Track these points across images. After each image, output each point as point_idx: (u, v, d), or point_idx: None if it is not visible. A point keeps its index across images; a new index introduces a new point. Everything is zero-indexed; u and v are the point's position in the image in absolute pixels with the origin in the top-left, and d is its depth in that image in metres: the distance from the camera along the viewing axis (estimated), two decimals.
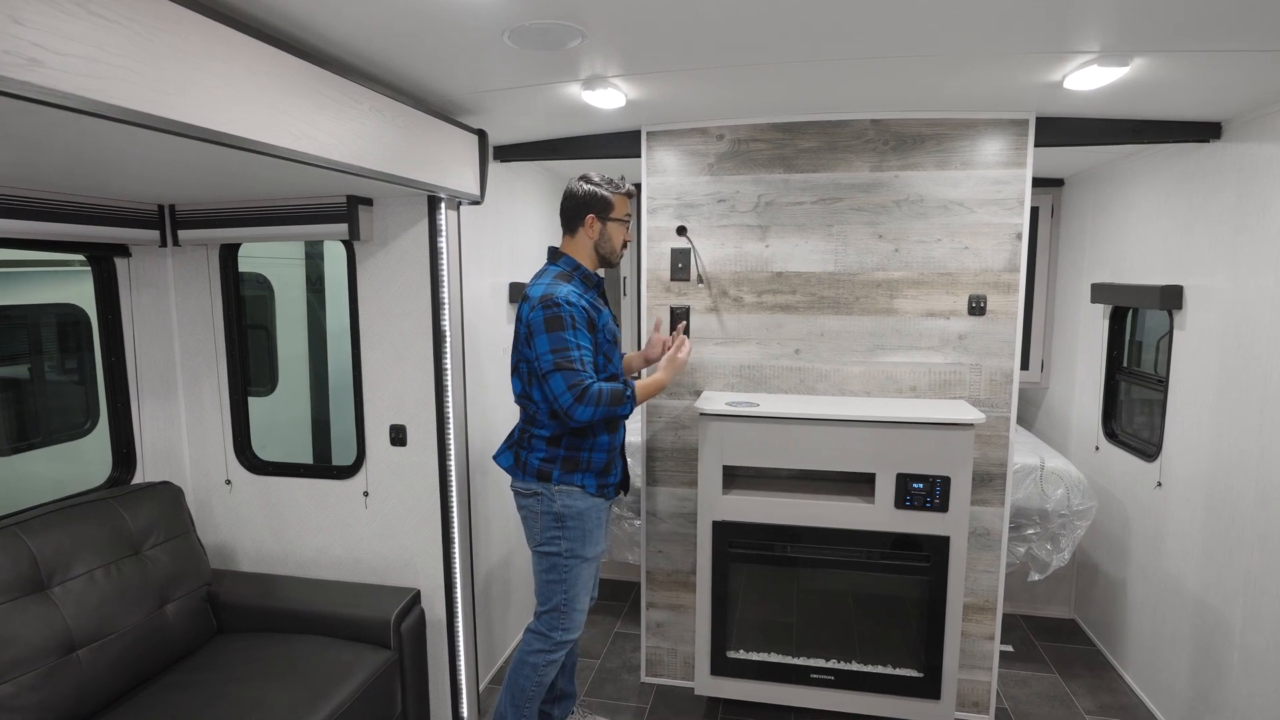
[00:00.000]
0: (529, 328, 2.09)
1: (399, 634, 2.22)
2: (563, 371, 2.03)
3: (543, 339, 2.06)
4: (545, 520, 2.19)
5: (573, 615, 2.24)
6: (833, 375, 2.69)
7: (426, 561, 2.46)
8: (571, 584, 2.22)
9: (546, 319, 2.06)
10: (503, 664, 3.12)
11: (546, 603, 2.24)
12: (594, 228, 2.23)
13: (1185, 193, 2.62)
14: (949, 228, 2.54)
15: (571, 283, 2.17)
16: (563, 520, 2.18)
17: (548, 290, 2.10)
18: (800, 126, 2.58)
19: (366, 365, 2.42)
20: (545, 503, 2.18)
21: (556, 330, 2.05)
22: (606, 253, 2.27)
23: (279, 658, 2.10)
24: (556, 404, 2.05)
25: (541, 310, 2.06)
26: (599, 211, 2.23)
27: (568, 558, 2.20)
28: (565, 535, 2.19)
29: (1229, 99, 2.18)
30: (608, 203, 2.23)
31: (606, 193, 2.23)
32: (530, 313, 2.09)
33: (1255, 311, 2.22)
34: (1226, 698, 2.32)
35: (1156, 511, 2.77)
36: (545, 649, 2.23)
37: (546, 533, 2.20)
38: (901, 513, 2.38)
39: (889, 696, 2.48)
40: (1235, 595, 2.29)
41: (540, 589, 2.25)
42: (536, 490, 2.20)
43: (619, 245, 2.29)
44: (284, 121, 1.48)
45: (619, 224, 2.27)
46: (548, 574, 2.22)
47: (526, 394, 2.20)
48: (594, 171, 2.27)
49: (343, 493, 2.50)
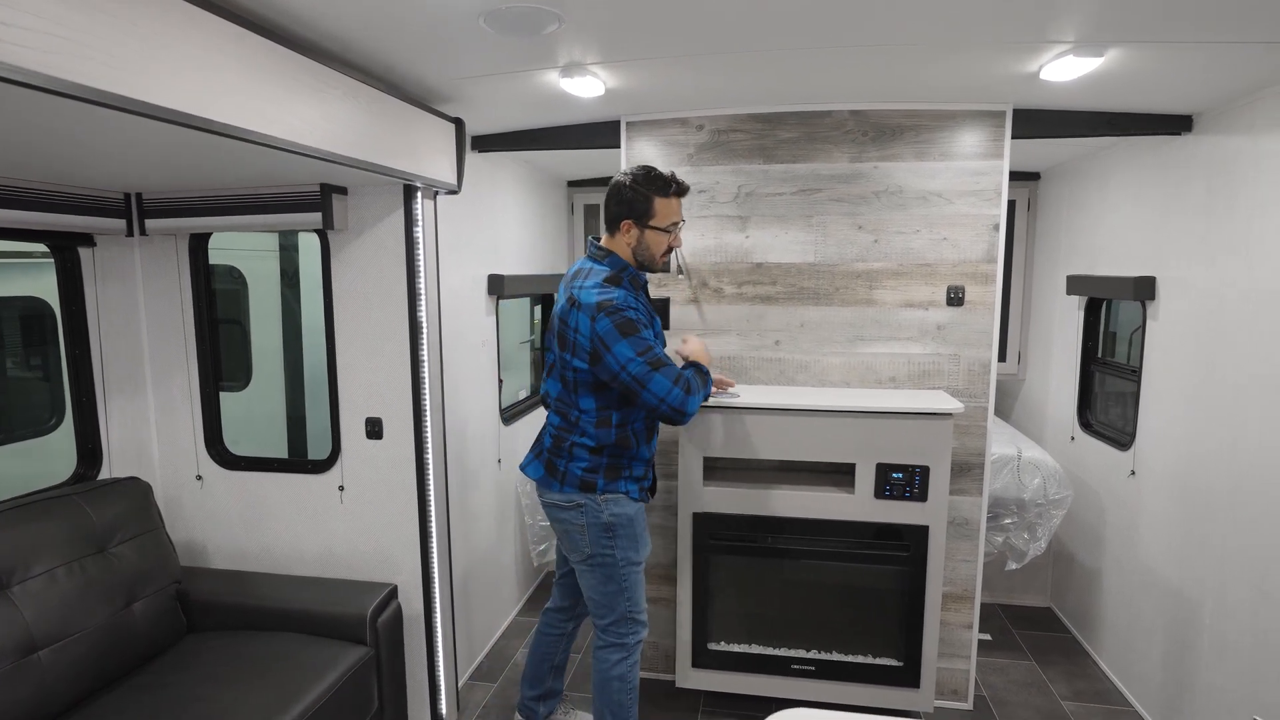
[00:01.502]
0: (598, 340, 1.95)
1: (375, 630, 2.18)
2: (660, 370, 1.96)
3: (623, 346, 1.94)
4: (594, 532, 2.11)
5: (639, 616, 2.21)
6: (813, 366, 2.69)
7: (404, 556, 2.42)
8: (632, 589, 2.17)
9: (618, 325, 1.95)
10: (484, 658, 3.09)
11: (610, 613, 2.17)
12: (631, 234, 2.07)
13: (1157, 185, 2.65)
14: (928, 219, 2.55)
15: (621, 286, 2.05)
16: (613, 529, 2.11)
17: (603, 297, 1.97)
18: (780, 117, 2.58)
19: (341, 357, 2.38)
20: (591, 514, 2.10)
21: (632, 334, 1.96)
22: (645, 261, 2.11)
23: (252, 656, 2.06)
24: (664, 404, 1.96)
25: (608, 318, 1.95)
26: (637, 218, 2.06)
27: (624, 566, 2.15)
28: (617, 544, 2.12)
29: (1199, 92, 2.21)
30: (647, 208, 2.04)
31: (647, 194, 2.04)
32: (594, 323, 1.95)
33: (1226, 301, 2.26)
34: (1197, 683, 2.36)
35: (1130, 501, 2.81)
36: (625, 655, 2.19)
37: (597, 544, 2.12)
38: (881, 503, 2.38)
39: (869, 686, 2.49)
40: (1206, 583, 2.33)
41: (599, 601, 2.18)
42: (579, 502, 2.10)
43: (660, 254, 2.11)
44: (254, 104, 1.44)
45: (660, 233, 2.08)
46: (605, 585, 2.15)
47: (569, 400, 2.09)
48: (652, 166, 2.08)
49: (318, 487, 2.45)
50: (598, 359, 1.97)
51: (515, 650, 3.17)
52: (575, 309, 2.00)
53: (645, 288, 2.20)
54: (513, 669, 3.02)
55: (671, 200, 2.08)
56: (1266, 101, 2.09)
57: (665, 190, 2.06)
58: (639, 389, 1.96)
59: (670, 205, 2.08)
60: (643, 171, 2.07)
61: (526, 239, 3.52)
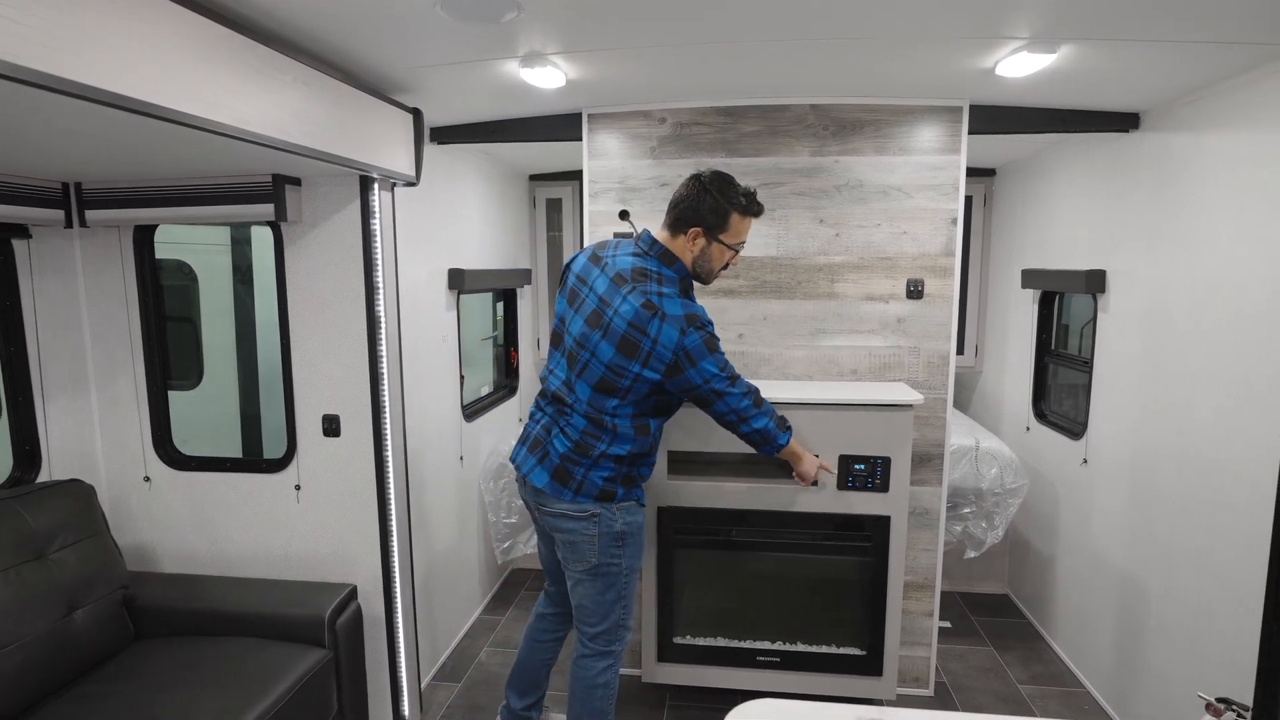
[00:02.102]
0: (684, 354, 1.91)
1: (334, 631, 2.13)
2: (735, 385, 1.99)
3: (709, 362, 1.94)
4: (604, 541, 2.04)
5: (630, 623, 2.18)
6: (775, 359, 2.71)
7: (364, 556, 2.37)
8: (628, 596, 2.14)
9: (705, 341, 1.94)
10: (448, 657, 3.05)
11: (603, 621, 2.12)
12: (697, 243, 2.00)
13: (1107, 181, 2.73)
14: (888, 212, 2.58)
15: (689, 294, 2.04)
16: (624, 539, 2.07)
17: (687, 309, 1.95)
18: (742, 110, 2.58)
19: (296, 353, 2.31)
20: (605, 523, 2.03)
21: (717, 351, 1.97)
22: (701, 272, 2.06)
23: (204, 662, 1.99)
24: (735, 415, 2.01)
25: (698, 334, 1.92)
26: (710, 229, 1.98)
27: (628, 575, 2.12)
28: (625, 553, 2.08)
29: (1146, 90, 2.28)
30: (723, 221, 1.98)
31: (728, 208, 1.97)
32: (683, 337, 1.90)
33: (1173, 294, 2.33)
34: (1146, 662, 2.44)
35: (1083, 488, 2.89)
36: (611, 663, 2.15)
37: (606, 554, 2.05)
38: (844, 494, 2.41)
39: (834, 675, 2.52)
40: (1154, 566, 2.40)
41: (593, 610, 2.12)
42: (594, 511, 2.03)
43: (717, 270, 2.07)
44: (198, 88, 1.39)
45: (726, 249, 2.03)
46: (604, 594, 2.10)
47: (607, 408, 1.99)
48: (730, 175, 2.02)
49: (273, 487, 2.38)
50: (678, 370, 1.93)
51: (480, 649, 3.13)
52: (658, 319, 1.91)
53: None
54: (477, 669, 2.98)
55: (748, 220, 2.03)
56: (1210, 100, 2.16)
57: (746, 208, 2.00)
58: (715, 400, 1.98)
59: (745, 224, 2.03)
60: (721, 180, 2.00)
61: (488, 233, 3.47)
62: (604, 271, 2.03)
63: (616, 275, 2.00)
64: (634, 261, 2.02)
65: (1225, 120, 2.09)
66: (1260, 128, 1.95)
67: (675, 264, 2.02)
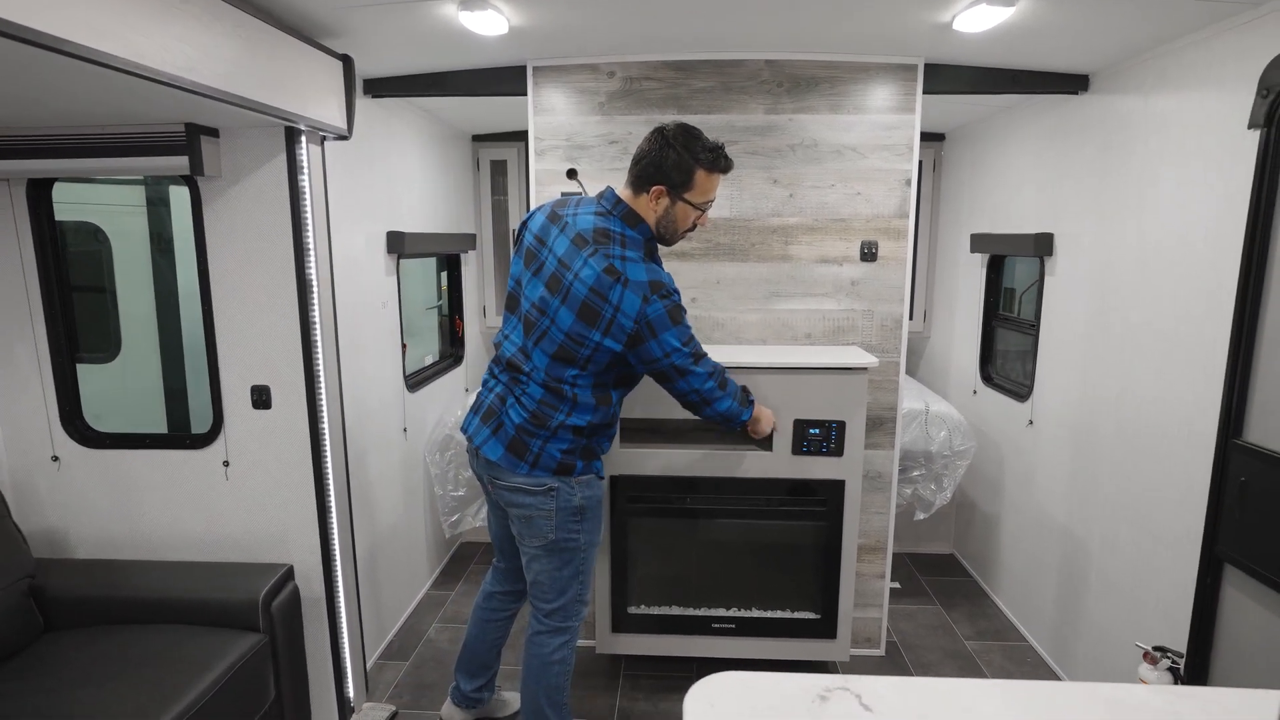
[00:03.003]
0: (647, 323, 1.80)
1: (270, 615, 2.01)
2: (700, 362, 1.91)
3: (671, 334, 1.83)
4: (562, 516, 1.96)
5: (587, 598, 2.11)
6: (729, 324, 2.65)
7: (301, 534, 2.24)
8: (585, 572, 2.07)
9: (670, 311, 1.83)
10: (395, 635, 2.95)
11: (559, 597, 2.05)
12: (660, 202, 1.87)
13: (1056, 145, 2.73)
14: (842, 173, 2.53)
15: (654, 258, 1.93)
16: (583, 513, 1.99)
17: (652, 275, 1.83)
18: (694, 65, 2.48)
19: (220, 319, 2.14)
20: (563, 498, 1.95)
21: (682, 322, 1.87)
22: (665, 233, 1.93)
23: (124, 653, 1.85)
24: (696, 394, 1.93)
25: (661, 303, 1.81)
26: (674, 187, 1.85)
27: (585, 549, 2.04)
28: (584, 528, 2.01)
29: (1097, 50, 2.26)
30: (688, 178, 1.84)
31: (691, 163, 1.83)
32: (646, 305, 1.79)
33: (1117, 256, 2.35)
34: (1086, 616, 2.51)
35: (1028, 449, 2.94)
36: (567, 639, 2.09)
37: (564, 529, 1.98)
38: (799, 459, 2.38)
39: (788, 640, 2.52)
40: (1095, 523, 2.46)
41: (549, 586, 2.04)
42: (552, 486, 1.94)
43: (682, 231, 1.93)
44: (84, 14, 1.22)
45: (691, 209, 1.89)
46: (561, 570, 2.02)
47: (566, 377, 1.88)
48: (697, 129, 1.87)
49: (199, 463, 2.23)
50: (639, 341, 1.82)
51: (428, 626, 3.04)
52: (620, 284, 1.79)
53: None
54: (426, 646, 2.89)
55: (715, 177, 1.89)
56: (1159, 60, 2.16)
57: (712, 164, 1.86)
58: (676, 377, 1.89)
59: (713, 181, 1.89)
60: (686, 134, 1.85)
61: (429, 196, 3.31)
62: (564, 232, 1.90)
63: (577, 236, 1.87)
64: (596, 221, 1.88)
65: (1174, 81, 2.09)
66: (1208, 88, 1.96)
67: (640, 225, 1.89)
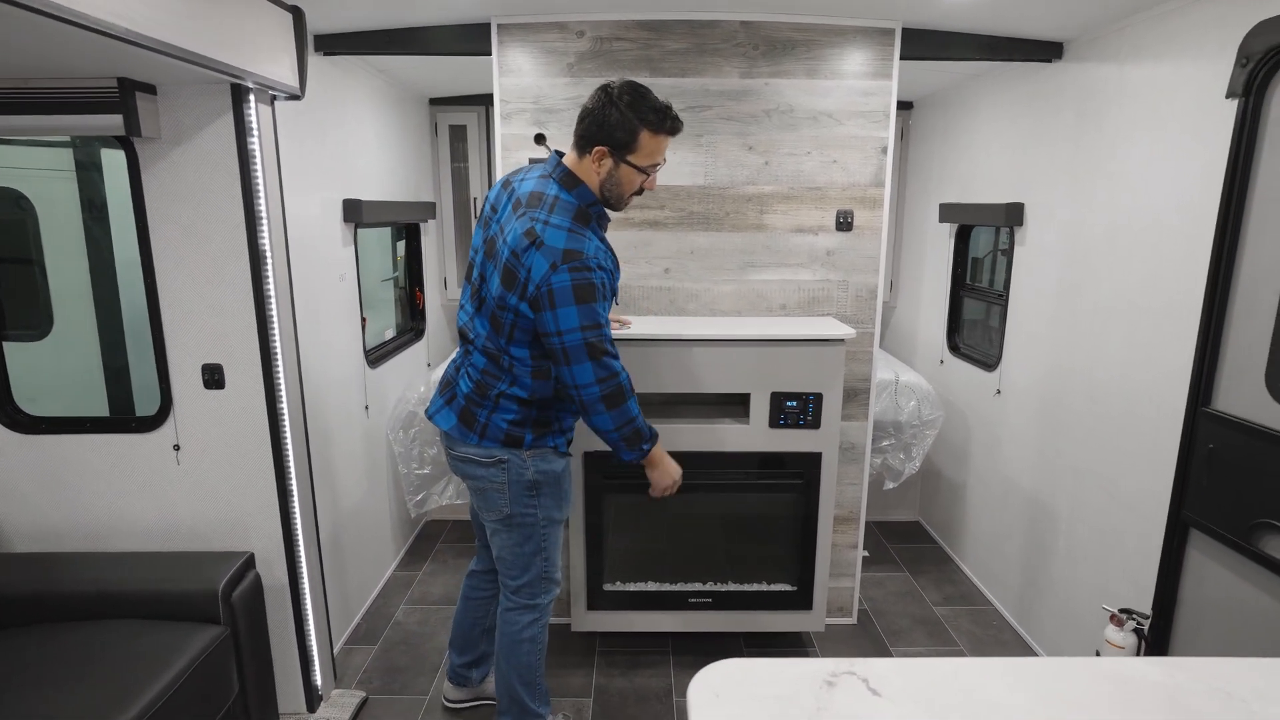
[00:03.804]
0: (547, 292, 1.68)
1: (230, 605, 1.91)
2: (595, 361, 1.73)
3: (570, 312, 1.68)
4: (515, 490, 1.90)
5: (555, 575, 2.04)
6: (703, 295, 2.59)
7: (261, 520, 2.13)
8: (550, 548, 2.00)
9: (577, 286, 1.68)
10: (361, 619, 2.87)
11: (524, 574, 1.99)
12: (603, 164, 1.76)
13: (1028, 113, 2.72)
14: (818, 140, 2.47)
15: (591, 227, 1.78)
16: (538, 487, 1.92)
17: (571, 243, 1.69)
18: (667, 25, 2.38)
19: (165, 293, 2.00)
20: (515, 470, 1.88)
21: (589, 302, 1.69)
22: (611, 198, 1.82)
23: (75, 652, 1.73)
24: (578, 392, 1.77)
25: (569, 275, 1.67)
26: (617, 148, 1.74)
27: (545, 526, 1.96)
28: (541, 503, 1.94)
29: (1073, 17, 2.24)
30: (632, 138, 1.72)
31: (634, 123, 1.71)
32: (552, 272, 1.67)
33: (1088, 225, 2.36)
34: (1051, 580, 2.57)
35: (995, 418, 2.98)
36: (537, 617, 2.03)
37: (518, 504, 1.91)
38: (776, 432, 2.36)
39: (765, 612, 2.52)
40: (1062, 490, 2.51)
41: (513, 562, 1.99)
42: (501, 458, 1.87)
43: (629, 195, 1.82)
44: None
45: (636, 172, 1.78)
46: (521, 545, 1.96)
47: (500, 346, 1.81)
48: (644, 86, 1.75)
49: (147, 448, 2.09)
50: (537, 309, 1.71)
51: (396, 608, 2.96)
52: (534, 247, 1.69)
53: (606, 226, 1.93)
54: (394, 628, 2.82)
55: (661, 138, 1.76)
56: (1135, 27, 2.14)
57: (657, 125, 1.73)
58: (563, 362, 1.75)
59: (658, 143, 1.77)
60: (632, 92, 1.73)
61: (386, 162, 3.15)
62: (510, 198, 1.85)
63: (516, 200, 1.81)
64: (535, 185, 1.81)
65: (1151, 49, 2.08)
66: (1185, 57, 1.95)
67: (577, 188, 1.79)
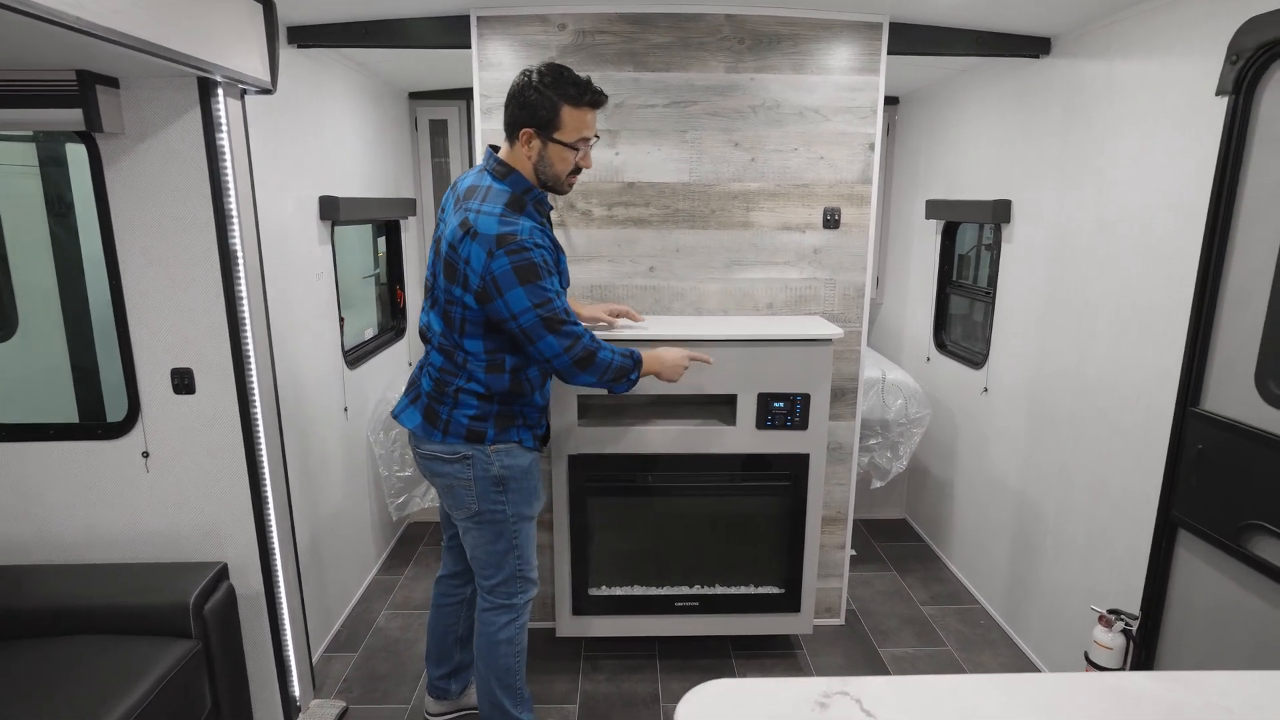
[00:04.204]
0: (491, 280, 1.68)
1: (202, 618, 1.84)
2: (556, 333, 1.74)
3: (518, 294, 1.69)
4: (482, 486, 1.89)
5: (530, 574, 2.01)
6: (689, 294, 2.55)
7: (234, 528, 2.07)
8: (523, 546, 1.98)
9: (517, 268, 1.67)
10: (341, 626, 2.81)
11: (498, 573, 1.98)
12: (532, 146, 1.76)
13: (1016, 109, 2.70)
14: (804, 136, 2.43)
15: (525, 213, 1.76)
16: (504, 483, 1.89)
17: (504, 228, 1.69)
18: (651, 19, 2.33)
19: (132, 295, 1.92)
20: (480, 467, 1.87)
21: (533, 281, 1.69)
22: (548, 180, 1.81)
23: (38, 670, 1.66)
24: (552, 365, 1.79)
25: (507, 258, 1.67)
26: (539, 127, 1.74)
27: (515, 522, 1.94)
28: (509, 499, 1.91)
29: (1061, 11, 2.21)
30: (552, 116, 1.72)
31: (554, 100, 1.71)
32: (490, 260, 1.67)
33: (1077, 223, 2.34)
34: (1040, 579, 2.56)
35: (982, 416, 2.97)
36: (513, 617, 2.01)
37: (485, 500, 1.90)
38: (763, 433, 2.33)
39: (752, 615, 2.49)
40: (1050, 488, 2.50)
41: (486, 560, 1.97)
42: (465, 454, 1.86)
43: (565, 175, 1.81)
44: None
45: (565, 149, 1.77)
46: (493, 543, 1.95)
47: (455, 342, 1.82)
48: (564, 66, 1.75)
49: (114, 455, 2.02)
50: (487, 299, 1.72)
51: (377, 613, 2.90)
52: (469, 237, 1.70)
53: (549, 213, 1.92)
54: (375, 635, 2.76)
55: (583, 111, 1.76)
56: (1124, 23, 2.12)
57: (576, 98, 1.73)
58: (527, 343, 1.77)
59: (581, 117, 1.76)
60: (551, 71, 1.73)
61: (365, 158, 3.07)
62: (454, 195, 1.87)
63: (457, 197, 1.83)
64: (473, 180, 1.84)
65: (1140, 45, 2.06)
66: (1175, 53, 1.93)
67: (510, 176, 1.79)
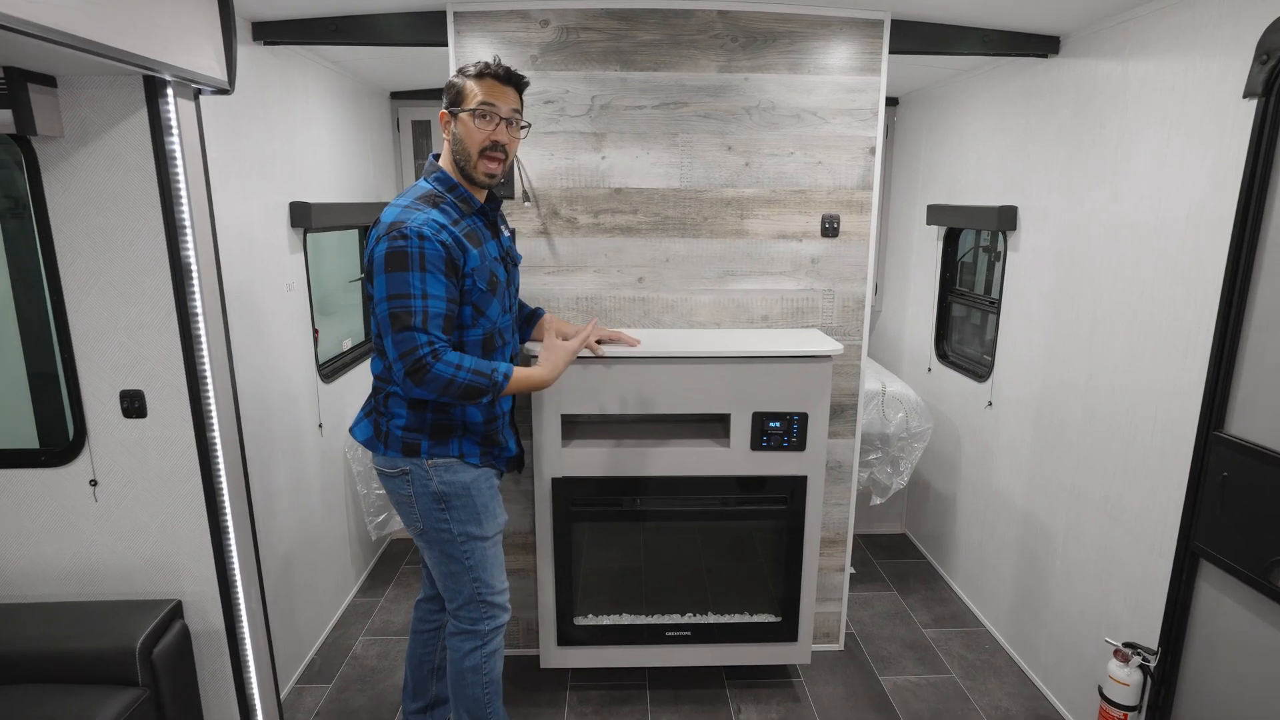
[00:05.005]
0: (369, 263, 1.65)
1: (150, 664, 1.70)
2: (399, 333, 1.60)
3: (381, 281, 1.61)
4: (423, 503, 1.79)
5: (494, 599, 1.88)
6: (680, 305, 2.42)
7: (191, 561, 1.92)
8: (478, 568, 1.85)
9: (390, 255, 1.59)
10: (315, 654, 2.67)
11: (457, 596, 1.88)
12: (449, 129, 1.74)
13: (1022, 111, 2.58)
14: (801, 140, 2.30)
15: (439, 208, 1.68)
16: (445, 500, 1.79)
17: (401, 216, 1.63)
18: (639, 14, 2.19)
19: (75, 311, 1.78)
20: (419, 483, 1.77)
21: (398, 270, 1.59)
22: (464, 163, 1.72)
23: None
24: (395, 365, 1.64)
25: (387, 242, 1.60)
26: (449, 105, 1.73)
27: (463, 542, 1.82)
28: (453, 517, 1.80)
29: (1070, 10, 2.09)
30: (458, 93, 1.71)
31: (460, 79, 1.72)
32: (375, 245, 1.63)
33: (1087, 231, 2.22)
34: (1048, 605, 2.43)
35: (986, 430, 2.84)
36: (478, 645, 1.90)
37: (428, 517, 1.81)
38: (758, 454, 2.20)
39: (747, 645, 2.36)
40: (1059, 510, 2.37)
41: (443, 582, 1.89)
42: (404, 468, 1.78)
43: (475, 150, 1.70)
44: None
45: (472, 119, 1.69)
46: (447, 564, 1.85)
47: (382, 345, 1.72)
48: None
49: (58, 484, 1.87)
50: (370, 279, 1.67)
51: (354, 640, 2.76)
52: (374, 228, 1.68)
53: (487, 212, 1.80)
54: (351, 664, 2.62)
55: (486, 81, 1.70)
56: (1139, 22, 1.99)
57: (478, 72, 1.71)
58: (384, 332, 1.66)
59: (482, 85, 1.69)
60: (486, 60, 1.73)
61: (342, 161, 2.93)
62: None
63: None
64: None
65: (1157, 44, 1.93)
66: (1196, 53, 1.80)
67: (434, 174, 1.76)
